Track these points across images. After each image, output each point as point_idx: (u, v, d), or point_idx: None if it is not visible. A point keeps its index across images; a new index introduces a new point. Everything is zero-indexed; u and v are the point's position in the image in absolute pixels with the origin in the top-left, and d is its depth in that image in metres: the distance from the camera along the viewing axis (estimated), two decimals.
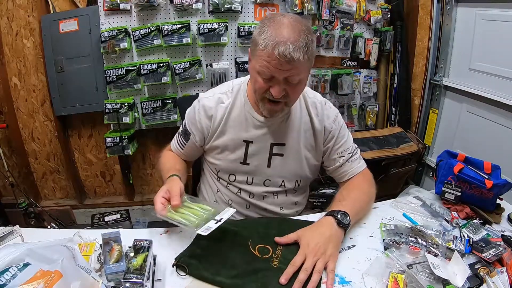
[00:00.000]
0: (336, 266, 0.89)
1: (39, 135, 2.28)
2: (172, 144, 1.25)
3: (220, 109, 1.09)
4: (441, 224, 1.05)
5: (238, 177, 1.13)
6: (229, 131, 1.09)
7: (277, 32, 0.85)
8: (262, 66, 0.89)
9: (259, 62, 0.90)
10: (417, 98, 2.34)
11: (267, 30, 0.87)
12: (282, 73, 0.88)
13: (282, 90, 0.91)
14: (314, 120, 1.10)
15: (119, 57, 2.04)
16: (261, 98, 0.97)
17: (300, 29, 0.87)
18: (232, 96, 1.09)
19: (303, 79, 0.93)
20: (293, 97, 0.96)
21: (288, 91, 0.93)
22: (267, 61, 0.87)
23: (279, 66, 0.86)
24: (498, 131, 1.82)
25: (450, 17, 2.05)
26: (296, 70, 0.88)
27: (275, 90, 0.91)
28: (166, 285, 0.84)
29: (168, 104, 2.09)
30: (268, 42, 0.85)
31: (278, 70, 0.88)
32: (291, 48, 0.83)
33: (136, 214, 2.44)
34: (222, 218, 0.91)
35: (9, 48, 2.07)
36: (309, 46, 0.87)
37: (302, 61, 0.86)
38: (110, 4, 1.92)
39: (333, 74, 2.26)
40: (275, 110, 0.98)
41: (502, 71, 1.76)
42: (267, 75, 0.90)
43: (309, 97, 1.11)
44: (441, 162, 1.20)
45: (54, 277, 0.68)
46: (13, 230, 0.98)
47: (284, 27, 0.86)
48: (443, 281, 0.81)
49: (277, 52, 0.84)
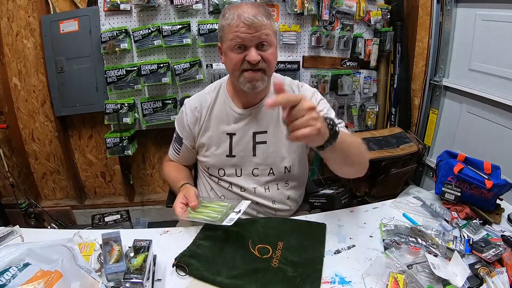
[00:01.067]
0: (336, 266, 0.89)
1: (39, 135, 2.28)
2: (169, 153, 1.30)
3: (204, 108, 1.15)
4: (441, 224, 1.05)
5: (227, 170, 1.15)
6: (212, 126, 1.14)
7: (238, 8, 0.98)
8: (233, 38, 0.97)
9: (229, 38, 0.98)
10: (417, 99, 2.34)
11: (228, 11, 0.99)
12: (252, 38, 0.96)
13: (257, 54, 0.98)
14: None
15: (119, 58, 2.04)
16: (239, 72, 1.02)
17: (258, 5, 1.00)
18: (214, 93, 1.15)
19: (273, 43, 1.01)
20: (269, 62, 1.01)
21: (262, 56, 0.99)
22: (236, 32, 0.96)
23: (247, 31, 0.95)
24: (498, 131, 1.82)
25: (450, 18, 2.05)
26: (263, 30, 0.96)
27: (251, 54, 0.97)
28: (166, 285, 0.84)
29: (168, 104, 2.09)
30: (233, 16, 0.96)
31: (248, 35, 0.96)
32: (253, 13, 0.95)
33: (136, 215, 2.44)
34: (240, 210, 0.96)
35: (10, 48, 2.07)
36: (269, 14, 0.99)
37: (266, 22, 0.96)
38: (110, 4, 1.93)
39: (333, 74, 2.26)
40: (255, 78, 1.01)
41: (502, 72, 1.77)
42: (239, 45, 0.97)
43: (285, 83, 1.15)
44: (441, 163, 1.20)
45: (54, 277, 0.68)
46: (13, 230, 0.98)
47: (243, 5, 0.98)
48: (443, 281, 0.81)
49: (242, 18, 0.95)
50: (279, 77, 1.18)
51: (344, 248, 0.96)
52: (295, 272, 0.85)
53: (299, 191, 1.26)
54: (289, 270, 0.85)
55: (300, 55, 2.22)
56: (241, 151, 1.13)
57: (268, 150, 1.13)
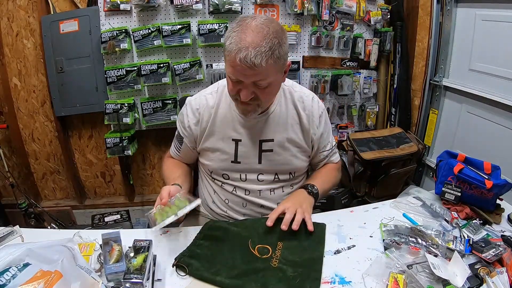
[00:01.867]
0: (336, 266, 0.89)
1: (39, 135, 2.28)
2: (171, 149, 1.28)
3: (206, 110, 1.11)
4: (441, 224, 1.05)
5: (231, 175, 1.14)
6: (217, 131, 1.11)
7: (241, 37, 0.86)
8: (229, 70, 0.92)
9: (227, 66, 0.92)
10: (417, 99, 2.34)
11: (232, 35, 0.88)
12: (248, 78, 0.90)
13: (251, 93, 0.93)
14: (301, 115, 1.11)
15: (119, 58, 2.04)
16: (234, 99, 1.01)
17: (265, 32, 0.86)
18: (217, 96, 1.11)
19: (273, 82, 0.93)
20: (263, 99, 0.97)
21: (257, 93, 0.94)
22: (232, 66, 0.89)
23: (243, 71, 0.88)
24: (498, 131, 1.82)
25: (450, 18, 2.05)
26: (261, 75, 0.89)
27: (242, 94, 0.93)
28: (166, 285, 0.84)
29: (168, 104, 2.09)
30: (232, 47, 0.86)
31: (243, 75, 0.89)
32: (253, 54, 0.84)
33: (136, 215, 2.44)
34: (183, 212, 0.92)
35: (10, 48, 2.07)
36: (274, 50, 0.86)
37: (266, 66, 0.86)
38: (110, 4, 1.92)
39: (333, 74, 2.26)
40: (248, 110, 1.00)
41: (502, 72, 1.76)
42: (234, 79, 0.92)
43: (295, 91, 1.13)
44: (441, 163, 1.20)
45: (54, 277, 0.68)
46: (13, 230, 0.98)
47: (249, 32, 0.86)
48: (443, 281, 0.81)
49: (238, 58, 0.85)
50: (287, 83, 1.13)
51: (344, 248, 0.96)
52: (295, 272, 0.85)
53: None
54: (289, 270, 0.85)
55: (300, 55, 2.22)
56: (247, 158, 1.11)
57: (274, 158, 1.12)
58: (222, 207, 1.19)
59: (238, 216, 1.17)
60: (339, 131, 2.42)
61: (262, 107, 1.02)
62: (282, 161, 1.13)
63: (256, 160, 1.12)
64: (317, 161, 1.23)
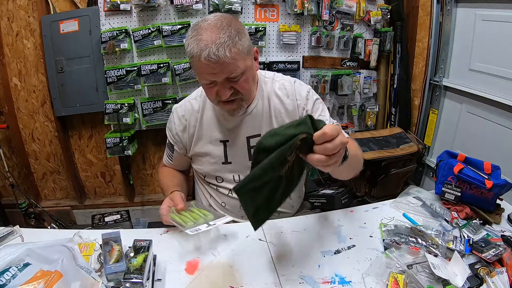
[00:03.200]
0: (336, 266, 0.89)
1: (39, 135, 2.28)
2: (164, 158, 1.28)
3: (192, 115, 1.12)
4: (441, 224, 1.05)
5: (225, 176, 1.14)
6: (205, 134, 1.12)
7: (198, 39, 0.86)
8: (199, 76, 0.92)
9: (197, 74, 0.92)
10: (417, 99, 2.34)
11: (190, 41, 0.88)
12: (219, 75, 0.89)
13: (229, 89, 0.92)
14: (285, 102, 1.09)
15: (119, 58, 2.04)
16: (216, 103, 0.99)
17: (219, 26, 0.87)
18: (201, 100, 1.11)
19: (245, 70, 0.92)
20: (243, 91, 0.95)
21: (235, 87, 0.93)
22: (200, 70, 0.89)
23: (212, 70, 0.87)
24: (498, 131, 1.82)
25: (450, 18, 2.05)
26: (231, 66, 0.88)
27: (222, 93, 0.92)
28: (166, 285, 0.84)
29: (168, 104, 2.09)
30: (193, 51, 0.86)
31: (213, 75, 0.88)
32: (214, 48, 0.84)
33: (136, 215, 2.44)
34: (215, 224, 0.93)
35: (10, 48, 2.07)
36: (234, 38, 0.86)
37: (231, 55, 0.85)
38: (110, 4, 1.92)
39: (333, 74, 2.26)
40: (233, 108, 0.99)
41: (502, 72, 1.77)
42: (208, 82, 0.91)
43: (276, 81, 1.11)
44: (441, 163, 1.20)
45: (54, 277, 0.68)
46: (13, 230, 0.98)
47: (203, 31, 0.87)
48: (443, 281, 0.81)
49: (203, 58, 0.85)
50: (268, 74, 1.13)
51: (344, 248, 0.96)
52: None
53: (299, 189, 1.26)
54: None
55: (300, 55, 2.22)
56: (237, 157, 1.11)
57: None
58: (220, 210, 1.19)
59: (236, 218, 1.17)
60: None
61: (246, 100, 1.00)
62: None
63: (246, 158, 1.12)
64: None
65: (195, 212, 0.99)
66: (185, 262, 0.90)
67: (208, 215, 0.98)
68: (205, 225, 0.92)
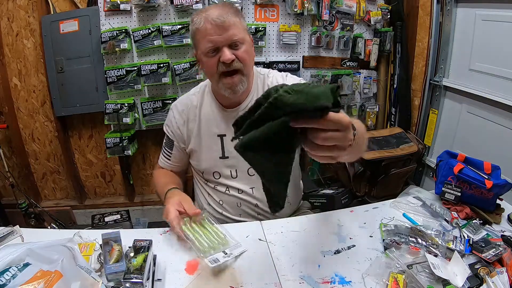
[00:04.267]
0: (336, 266, 0.89)
1: (39, 135, 2.28)
2: (160, 161, 1.29)
3: (191, 110, 1.14)
4: (441, 224, 1.05)
5: (222, 172, 1.15)
6: (203, 129, 1.13)
7: (204, 12, 0.98)
8: (205, 42, 0.97)
9: (202, 42, 0.98)
10: (417, 99, 2.34)
11: (195, 17, 0.98)
12: (223, 38, 0.96)
13: (231, 53, 0.97)
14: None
15: (119, 58, 2.04)
16: (218, 76, 1.01)
17: (223, 5, 1.00)
18: (200, 95, 1.15)
19: (245, 42, 0.99)
20: (243, 61, 1.00)
21: (236, 55, 0.98)
22: (206, 34, 0.96)
23: (217, 32, 0.95)
24: (498, 131, 1.82)
25: (450, 18, 2.05)
26: (232, 29, 0.96)
27: (224, 54, 0.96)
28: (166, 285, 0.84)
29: (168, 104, 2.09)
30: (200, 20, 0.96)
31: (218, 37, 0.95)
32: (219, 13, 0.95)
33: (136, 215, 2.44)
34: (232, 254, 0.91)
35: (10, 48, 2.07)
36: (237, 12, 0.99)
37: (234, 20, 0.96)
38: (110, 4, 1.93)
39: (333, 74, 2.26)
40: (234, 82, 1.01)
41: (502, 72, 1.77)
42: (212, 48, 0.97)
43: (269, 76, 1.15)
44: (441, 163, 1.20)
45: (54, 277, 0.68)
46: (13, 230, 0.98)
47: (209, 8, 0.99)
48: (443, 281, 0.81)
49: (209, 20, 0.94)
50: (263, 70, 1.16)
51: (344, 248, 0.96)
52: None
53: (296, 186, 1.27)
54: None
55: (300, 55, 2.22)
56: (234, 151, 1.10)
57: None
58: (217, 209, 1.19)
59: (234, 216, 1.17)
60: None
61: (246, 76, 1.03)
62: None
63: None
64: None
65: (207, 229, 0.96)
66: (185, 262, 0.90)
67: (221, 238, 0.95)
68: (222, 254, 0.90)
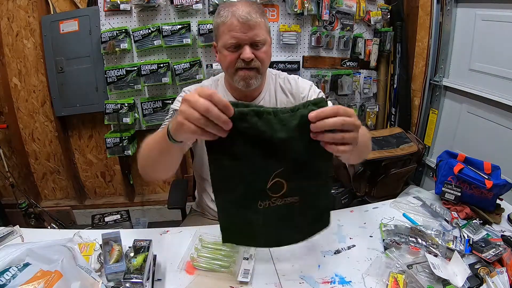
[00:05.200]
0: (336, 266, 0.89)
1: (39, 135, 2.28)
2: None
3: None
4: (441, 224, 1.05)
5: None
6: None
7: (232, 6, 0.98)
8: (228, 37, 0.98)
9: (225, 36, 0.99)
10: (417, 99, 2.34)
11: (222, 10, 0.99)
12: (246, 36, 0.97)
13: (251, 52, 0.99)
14: (290, 96, 1.15)
15: (119, 58, 2.04)
16: (234, 70, 1.03)
17: (251, 3, 1.00)
18: (213, 87, 1.16)
19: (266, 42, 1.01)
20: (262, 61, 1.02)
21: (256, 54, 1.00)
22: (231, 30, 0.97)
23: (242, 30, 0.96)
24: (498, 131, 1.82)
25: (450, 18, 2.05)
26: (257, 29, 0.97)
27: (245, 52, 0.98)
28: (166, 285, 0.84)
29: (168, 104, 2.09)
30: (227, 15, 0.97)
31: (242, 34, 0.97)
32: (247, 11, 0.96)
33: (136, 215, 2.44)
34: (251, 255, 0.90)
35: (10, 48, 2.07)
36: (263, 13, 1.01)
37: (260, 21, 0.97)
38: (110, 4, 1.92)
39: (333, 74, 2.26)
40: (249, 76, 1.02)
41: (502, 72, 1.76)
42: (234, 44, 0.98)
43: (281, 77, 1.18)
44: (441, 163, 1.20)
45: (54, 277, 0.68)
46: (13, 230, 0.98)
47: (238, 4, 0.99)
48: (443, 281, 0.81)
49: (236, 16, 0.95)
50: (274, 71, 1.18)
51: (344, 248, 0.96)
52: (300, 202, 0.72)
53: None
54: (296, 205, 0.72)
55: (300, 55, 2.22)
56: None
57: None
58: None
59: None
60: None
61: (261, 74, 1.05)
62: None
63: None
64: None
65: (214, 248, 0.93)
66: (185, 262, 0.90)
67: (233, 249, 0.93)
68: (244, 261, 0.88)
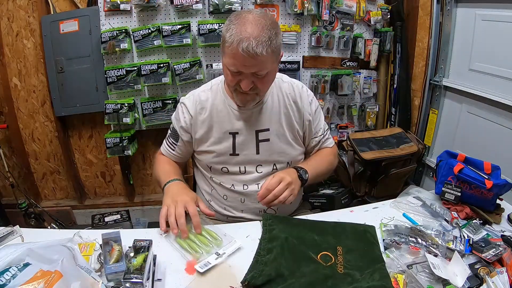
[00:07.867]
0: None
1: (39, 135, 2.28)
2: (163, 148, 1.27)
3: (200, 106, 1.14)
4: (441, 224, 1.05)
5: (231, 168, 1.15)
6: (215, 126, 1.13)
7: (241, 29, 0.90)
8: (230, 62, 0.95)
9: (227, 58, 0.96)
10: (417, 99, 2.34)
11: (232, 27, 0.92)
12: (248, 68, 0.94)
13: (251, 83, 0.97)
14: (292, 102, 1.16)
15: (119, 58, 2.04)
16: (233, 90, 1.04)
17: (263, 24, 0.92)
18: (211, 93, 1.15)
19: (271, 71, 0.99)
20: (262, 88, 1.02)
21: (256, 83, 0.98)
22: (233, 58, 0.93)
23: (244, 62, 0.92)
24: (498, 131, 1.82)
25: (450, 18, 2.05)
26: (262, 64, 0.94)
27: (243, 83, 0.97)
28: (166, 285, 0.84)
29: (168, 104, 2.09)
30: (233, 39, 0.90)
31: (244, 66, 0.93)
32: (254, 43, 0.88)
33: (136, 215, 2.44)
34: (224, 253, 0.91)
35: (10, 48, 2.07)
36: (272, 40, 0.92)
37: (266, 55, 0.91)
38: (110, 4, 1.93)
39: (333, 74, 2.26)
40: (247, 99, 1.04)
41: (502, 72, 1.76)
42: (235, 70, 0.96)
43: (284, 81, 1.18)
44: (441, 163, 1.20)
45: (54, 277, 0.68)
46: (13, 230, 0.98)
47: (248, 23, 0.91)
48: (443, 281, 0.81)
49: (241, 48, 0.89)
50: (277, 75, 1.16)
51: None
52: (362, 274, 0.83)
53: None
54: (356, 274, 0.84)
55: (300, 55, 2.22)
56: (245, 149, 1.13)
57: (271, 148, 1.14)
58: (221, 204, 1.20)
59: (237, 213, 1.18)
60: (339, 131, 2.42)
61: (260, 96, 1.07)
62: (279, 150, 1.15)
63: (254, 151, 1.13)
64: (311, 147, 1.24)
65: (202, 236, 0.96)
66: (185, 262, 0.90)
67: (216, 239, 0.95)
68: (214, 255, 0.89)
